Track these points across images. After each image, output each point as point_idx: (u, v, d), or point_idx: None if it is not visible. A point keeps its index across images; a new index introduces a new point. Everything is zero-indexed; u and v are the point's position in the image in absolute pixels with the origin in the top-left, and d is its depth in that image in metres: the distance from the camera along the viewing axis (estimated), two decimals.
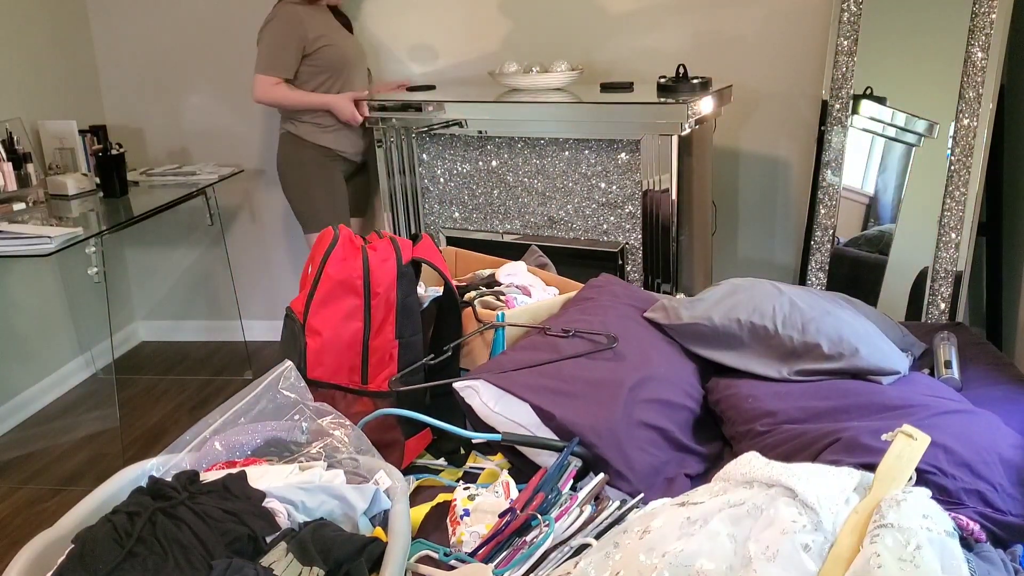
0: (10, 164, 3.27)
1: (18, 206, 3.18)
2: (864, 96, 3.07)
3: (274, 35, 3.16)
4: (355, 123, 3.22)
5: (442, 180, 3.21)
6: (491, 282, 2.22)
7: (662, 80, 3.04)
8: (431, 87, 3.44)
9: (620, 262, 3.00)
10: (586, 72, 3.42)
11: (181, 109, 3.97)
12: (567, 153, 3.01)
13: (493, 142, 3.10)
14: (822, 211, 3.14)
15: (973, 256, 2.82)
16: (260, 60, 3.18)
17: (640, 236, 2.97)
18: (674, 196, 2.87)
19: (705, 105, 2.89)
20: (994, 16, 2.70)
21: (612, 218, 3.00)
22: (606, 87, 3.17)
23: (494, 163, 3.11)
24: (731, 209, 3.65)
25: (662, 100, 2.86)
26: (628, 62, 3.51)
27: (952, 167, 2.79)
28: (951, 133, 2.80)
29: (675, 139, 2.80)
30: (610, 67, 3.50)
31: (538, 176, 3.06)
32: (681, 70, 3.04)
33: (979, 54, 2.73)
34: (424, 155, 3.19)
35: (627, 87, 3.15)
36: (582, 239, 3.05)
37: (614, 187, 2.96)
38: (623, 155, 2.92)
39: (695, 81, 3.00)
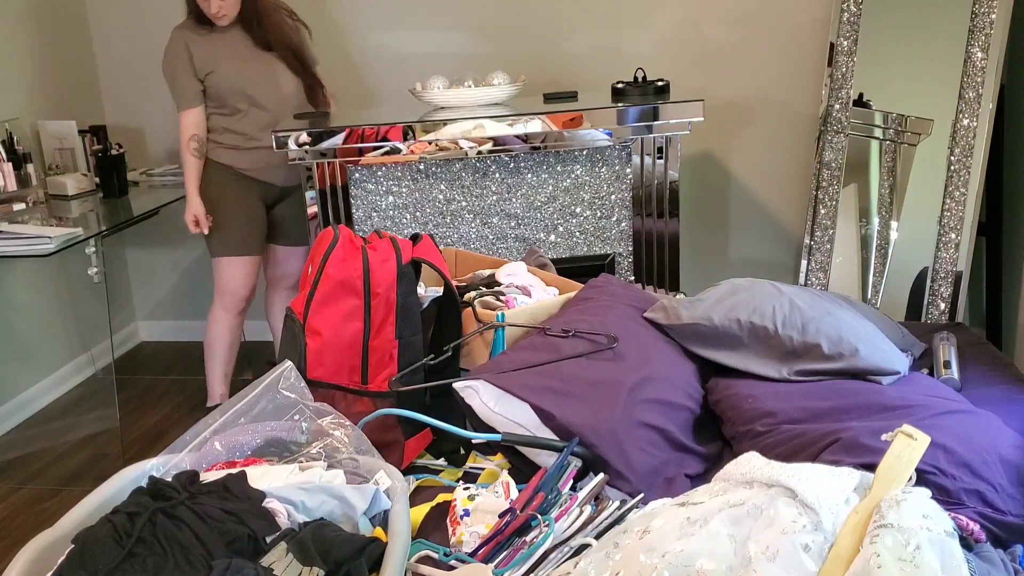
0: (10, 164, 3.27)
1: (18, 206, 3.18)
2: (863, 104, 3.07)
3: (169, 69, 3.06)
4: (191, 230, 3.06)
5: (388, 215, 2.92)
6: (491, 282, 2.22)
7: (619, 85, 2.96)
8: (324, 113, 3.15)
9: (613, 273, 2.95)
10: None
11: None
12: (543, 168, 2.87)
13: (448, 166, 2.87)
14: (822, 211, 3.14)
15: (973, 256, 2.82)
16: (175, 99, 3.09)
17: (630, 245, 2.90)
18: (677, 193, 2.84)
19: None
20: (994, 16, 2.70)
21: (600, 229, 2.91)
22: (550, 97, 3.02)
23: (452, 189, 2.90)
24: (731, 209, 3.66)
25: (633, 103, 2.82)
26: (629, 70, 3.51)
27: (952, 167, 2.79)
28: (951, 133, 2.80)
29: (679, 139, 2.79)
30: (599, 76, 3.50)
31: (509, 197, 2.89)
32: (639, 74, 2.97)
33: (979, 54, 2.73)
34: (358, 190, 2.89)
35: (572, 96, 3.03)
36: (565, 255, 2.93)
37: (601, 197, 2.88)
38: (613, 162, 2.86)
39: (658, 84, 2.93)
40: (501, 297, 2.10)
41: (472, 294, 2.10)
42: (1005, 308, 2.97)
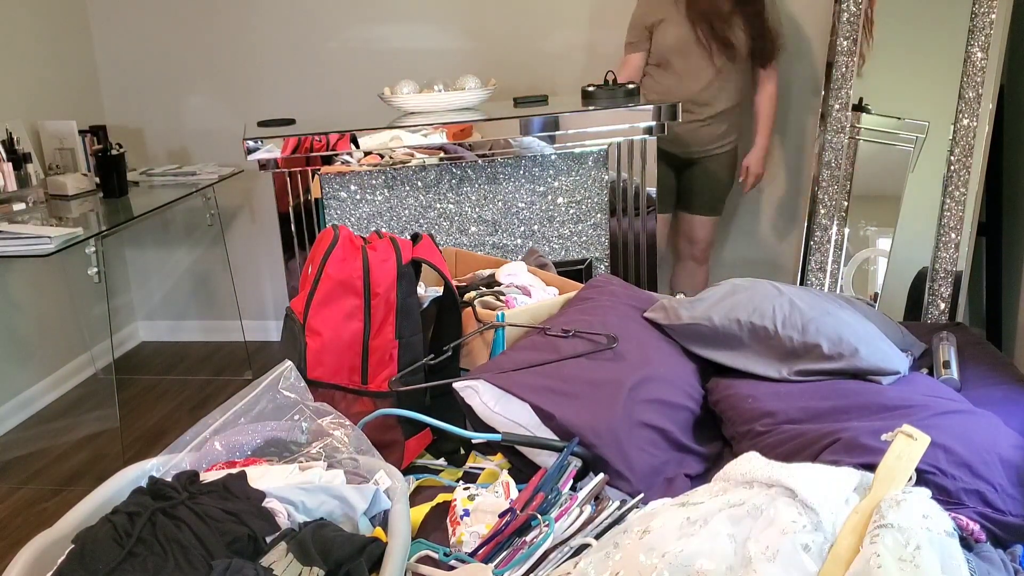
0: (10, 164, 3.27)
1: (18, 206, 3.18)
2: (862, 108, 3.07)
3: None
4: None
5: (362, 223, 2.86)
6: (491, 282, 2.22)
7: (589, 88, 2.94)
8: (290, 121, 3.03)
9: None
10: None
11: (181, 109, 3.97)
12: (520, 174, 2.85)
13: (423, 173, 2.83)
14: (821, 211, 3.14)
15: (973, 256, 2.82)
16: None
17: (608, 249, 2.89)
18: (653, 196, 2.85)
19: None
20: (994, 16, 2.70)
21: (577, 235, 2.90)
22: (520, 101, 3.01)
23: (428, 197, 2.84)
24: (730, 209, 3.65)
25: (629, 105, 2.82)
26: None
27: (952, 167, 2.79)
28: (951, 134, 2.80)
29: (653, 141, 2.79)
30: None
31: (487, 204, 2.86)
32: (609, 77, 2.97)
33: (979, 54, 2.73)
34: (331, 199, 2.81)
35: (542, 100, 3.03)
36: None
37: (578, 201, 2.87)
38: (588, 166, 2.85)
39: (628, 87, 2.92)
40: (501, 297, 2.10)
41: (472, 294, 2.10)
42: (1005, 308, 2.97)
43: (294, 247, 2.84)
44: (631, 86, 2.94)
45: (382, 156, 2.76)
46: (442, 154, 2.77)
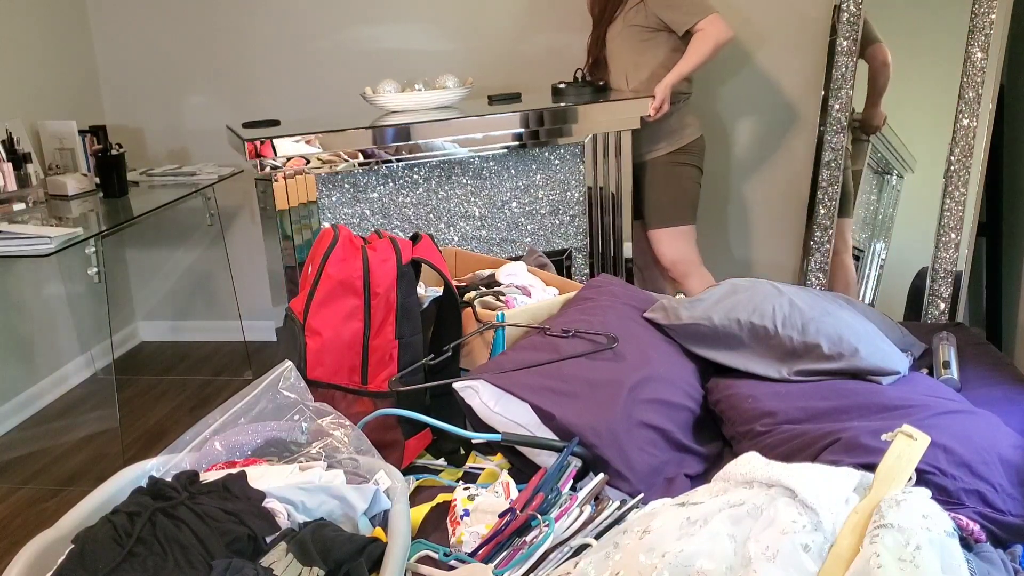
0: (10, 164, 3.27)
1: (18, 206, 3.17)
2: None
3: None
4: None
5: (353, 222, 2.84)
6: (491, 282, 2.22)
7: (560, 85, 3.02)
8: (275, 122, 3.00)
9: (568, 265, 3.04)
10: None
11: (181, 109, 3.97)
12: (504, 169, 2.90)
13: (414, 170, 2.85)
14: (821, 211, 3.14)
15: (973, 256, 2.82)
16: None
17: (587, 240, 3.00)
18: (629, 189, 2.94)
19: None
20: (994, 16, 2.70)
21: (557, 226, 2.99)
22: (494, 99, 3.05)
23: (417, 194, 2.86)
24: (730, 209, 3.65)
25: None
26: None
27: (952, 167, 2.78)
28: (951, 133, 2.80)
29: (629, 134, 2.87)
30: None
31: (473, 199, 2.90)
32: (578, 75, 3.06)
33: (979, 54, 2.73)
34: (325, 199, 2.78)
35: (515, 98, 3.06)
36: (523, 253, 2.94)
37: (557, 194, 2.96)
38: (566, 161, 2.91)
39: (599, 84, 3.01)
40: (501, 297, 2.10)
41: (472, 294, 2.10)
42: (1005, 308, 2.97)
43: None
44: (601, 83, 3.00)
45: (367, 156, 2.78)
46: (421, 152, 2.80)
